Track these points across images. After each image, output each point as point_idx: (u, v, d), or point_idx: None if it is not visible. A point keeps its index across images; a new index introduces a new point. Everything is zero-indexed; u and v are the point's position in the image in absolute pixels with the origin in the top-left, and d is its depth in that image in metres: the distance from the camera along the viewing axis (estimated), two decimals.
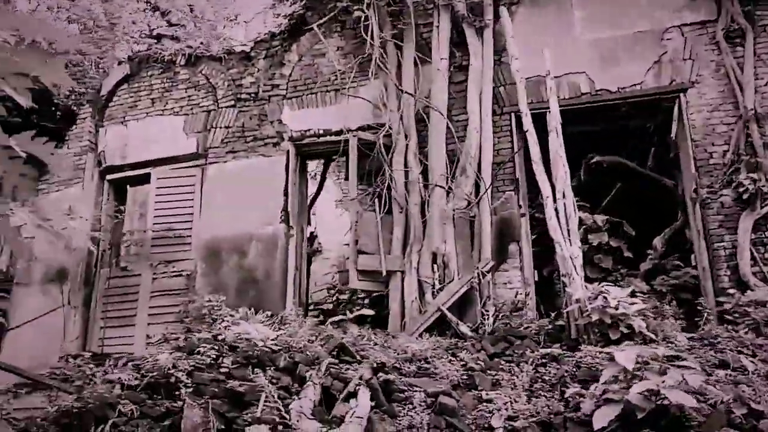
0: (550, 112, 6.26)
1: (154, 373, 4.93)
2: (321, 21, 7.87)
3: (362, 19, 7.52)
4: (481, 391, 4.76)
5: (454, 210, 6.87)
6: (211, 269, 7.77)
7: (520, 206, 7.00)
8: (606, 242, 7.00)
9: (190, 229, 8.02)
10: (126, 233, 8.37)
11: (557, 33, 7.44)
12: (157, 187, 8.22)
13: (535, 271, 6.95)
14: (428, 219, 6.90)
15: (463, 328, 6.25)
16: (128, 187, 8.80)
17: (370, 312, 6.57)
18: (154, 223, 8.08)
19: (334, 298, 8.82)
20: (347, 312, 6.63)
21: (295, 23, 8.30)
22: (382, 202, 7.17)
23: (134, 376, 5.13)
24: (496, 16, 7.57)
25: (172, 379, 4.89)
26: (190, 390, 4.79)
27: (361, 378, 4.76)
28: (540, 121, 6.87)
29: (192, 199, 8.13)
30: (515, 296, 6.41)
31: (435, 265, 6.72)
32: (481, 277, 6.45)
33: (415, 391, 4.68)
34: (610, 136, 8.20)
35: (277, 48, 8.34)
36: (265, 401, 4.71)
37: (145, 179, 8.44)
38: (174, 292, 7.85)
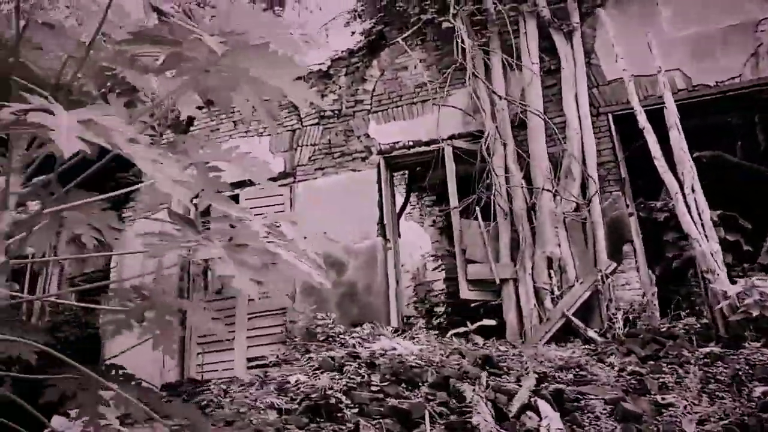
0: (666, 108, 6.20)
1: (313, 396, 4.81)
2: (406, 34, 7.84)
3: (453, 30, 7.49)
4: (654, 395, 4.64)
5: (564, 213, 6.79)
6: (309, 287, 7.67)
7: (627, 206, 6.93)
8: (723, 237, 6.91)
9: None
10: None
11: (645, 32, 7.39)
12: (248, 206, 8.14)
13: (649, 271, 6.85)
14: (538, 223, 6.82)
15: (592, 334, 6.14)
16: None
17: (491, 322, 6.45)
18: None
19: (424, 311, 8.72)
20: (468, 323, 6.50)
21: (374, 39, 8.28)
22: (490, 210, 7.09)
23: (285, 400, 5.03)
24: (582, 19, 7.56)
25: (332, 401, 4.77)
26: (355, 411, 4.67)
27: (529, 389, 4.65)
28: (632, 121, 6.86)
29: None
30: (642, 297, 6.30)
31: (551, 271, 6.63)
32: (604, 280, 6.35)
33: (590, 399, 4.56)
34: (698, 132, 8.15)
35: (357, 64, 8.32)
36: (431, 419, 4.61)
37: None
38: (272, 312, 7.75)
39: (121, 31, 2.18)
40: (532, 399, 4.54)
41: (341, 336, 6.45)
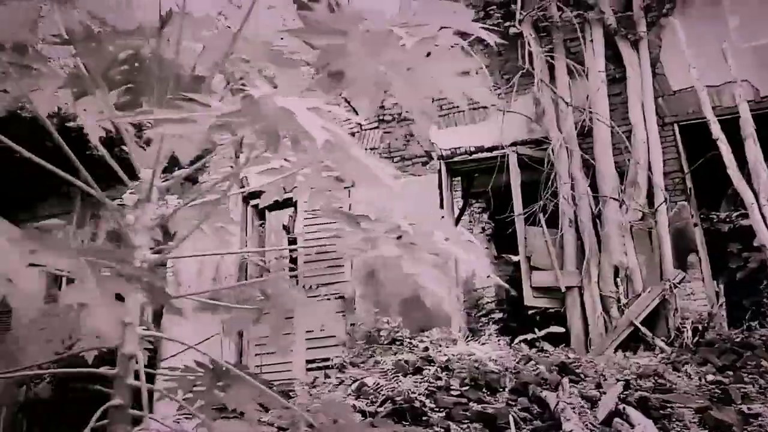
0: (741, 118, 6.21)
1: (398, 399, 4.88)
2: (468, 40, 7.88)
3: (516, 36, 7.54)
4: (739, 405, 4.66)
5: (630, 222, 6.81)
6: (370, 291, 7.76)
7: (692, 216, 6.93)
8: None
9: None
10: (279, 258, 8.41)
11: (712, 42, 7.39)
12: (305, 210, 8.26)
13: (714, 282, 6.84)
14: (604, 232, 6.85)
15: (659, 342, 6.16)
16: (267, 212, 8.86)
17: (559, 329, 6.49)
18: (304, 246, 8.13)
19: (478, 317, 8.75)
20: (535, 330, 6.54)
21: None
22: (552, 218, 7.12)
23: (365, 402, 5.10)
24: (648, 28, 7.58)
25: (416, 404, 4.85)
26: (441, 415, 4.74)
27: (616, 396, 4.69)
28: (702, 131, 6.90)
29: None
30: (711, 307, 6.30)
31: (618, 279, 6.64)
32: (672, 289, 6.36)
33: (677, 407, 4.59)
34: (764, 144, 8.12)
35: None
36: (516, 424, 4.66)
37: (286, 204, 8.48)
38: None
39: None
40: (619, 406, 4.57)
41: (408, 340, 6.52)
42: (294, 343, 7.39)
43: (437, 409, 4.80)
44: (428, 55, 1.77)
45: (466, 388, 5.13)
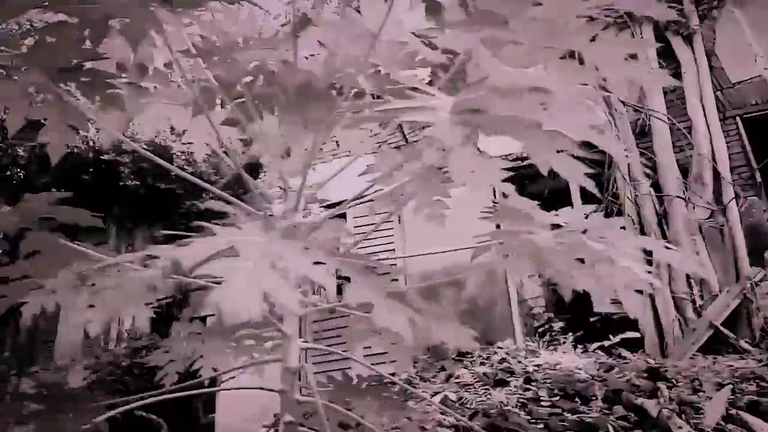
0: None
1: (492, 412, 4.64)
2: None
3: None
4: None
5: (699, 220, 6.58)
6: (428, 302, 7.53)
7: (765, 210, 6.68)
8: None
9: (395, 264, 7.84)
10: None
11: (764, 32, 7.22)
12: (355, 226, 8.09)
13: None
14: (672, 232, 6.61)
15: (744, 344, 5.88)
16: None
17: (635, 335, 6.22)
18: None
19: (537, 326, 8.49)
20: (610, 336, 6.29)
21: None
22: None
23: (452, 417, 4.86)
24: (700, 21, 7.42)
25: (511, 416, 4.60)
26: (540, 427, 4.49)
27: (725, 401, 4.42)
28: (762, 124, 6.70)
29: (392, 235, 7.99)
30: None
31: (692, 280, 6.39)
32: (753, 288, 6.09)
33: None
34: None
35: (456, 80, 8.25)
36: None
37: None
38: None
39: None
40: (730, 411, 4.31)
41: (477, 352, 6.28)
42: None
43: (533, 421, 4.56)
44: (593, 39, 1.59)
45: (557, 398, 4.89)
